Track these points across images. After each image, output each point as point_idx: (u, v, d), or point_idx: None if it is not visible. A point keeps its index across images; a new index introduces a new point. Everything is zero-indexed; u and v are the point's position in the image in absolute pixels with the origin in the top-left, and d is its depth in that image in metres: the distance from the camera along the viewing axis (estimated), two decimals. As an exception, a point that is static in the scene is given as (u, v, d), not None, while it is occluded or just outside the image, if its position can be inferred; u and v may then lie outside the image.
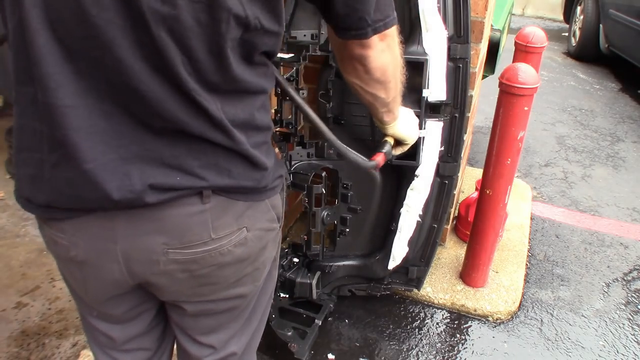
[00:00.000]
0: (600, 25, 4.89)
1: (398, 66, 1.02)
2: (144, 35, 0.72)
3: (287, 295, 2.04)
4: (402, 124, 1.24)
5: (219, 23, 0.73)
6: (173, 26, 0.72)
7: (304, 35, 1.55)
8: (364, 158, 1.20)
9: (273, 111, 1.89)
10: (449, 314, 2.17)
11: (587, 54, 5.18)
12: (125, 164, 0.80)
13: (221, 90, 0.80)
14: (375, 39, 0.90)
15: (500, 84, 1.81)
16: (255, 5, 0.76)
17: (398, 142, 1.32)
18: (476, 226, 2.11)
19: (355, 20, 0.87)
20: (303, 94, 1.73)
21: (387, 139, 1.29)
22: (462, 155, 1.86)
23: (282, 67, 1.76)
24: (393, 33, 0.95)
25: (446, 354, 1.98)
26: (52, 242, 0.93)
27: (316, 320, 1.97)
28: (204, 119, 0.80)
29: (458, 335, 2.07)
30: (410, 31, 1.62)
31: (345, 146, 1.15)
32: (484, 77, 2.61)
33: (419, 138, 1.70)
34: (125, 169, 0.80)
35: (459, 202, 2.56)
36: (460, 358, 1.97)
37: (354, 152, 1.18)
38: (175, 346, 1.19)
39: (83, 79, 0.75)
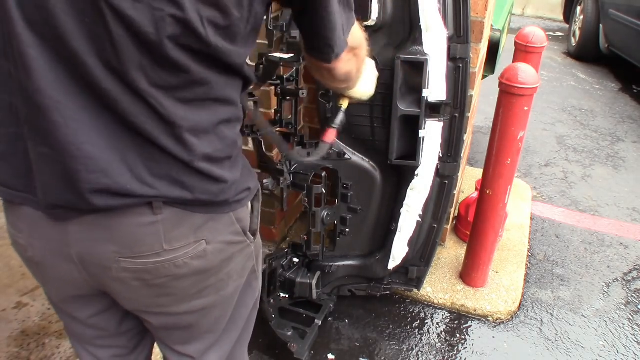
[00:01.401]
0: (600, 25, 4.89)
1: (362, 62, 1.08)
2: (99, 28, 0.70)
3: (287, 295, 2.04)
4: (360, 86, 1.23)
5: (162, 21, 0.70)
6: (131, 27, 0.69)
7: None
8: (305, 154, 1.23)
9: (273, 111, 1.89)
10: (449, 314, 2.17)
11: (587, 54, 5.18)
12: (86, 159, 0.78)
13: (179, 94, 0.77)
14: (344, 54, 0.95)
15: (500, 84, 1.81)
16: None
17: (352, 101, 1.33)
18: (476, 226, 2.11)
19: (322, 46, 0.92)
20: (303, 93, 1.72)
21: (342, 103, 1.31)
22: (462, 155, 1.86)
23: (282, 67, 1.76)
24: (359, 43, 1.00)
25: (446, 354, 1.98)
26: (13, 241, 0.93)
27: (316, 320, 1.97)
28: (157, 123, 0.77)
29: (458, 335, 2.07)
30: (410, 31, 1.63)
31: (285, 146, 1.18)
32: (484, 77, 2.61)
33: (419, 138, 1.70)
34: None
35: (459, 202, 2.56)
36: (460, 358, 1.97)
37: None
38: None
39: (53, 62, 0.73)
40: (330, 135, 1.27)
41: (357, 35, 0.99)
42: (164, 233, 0.85)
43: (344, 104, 1.31)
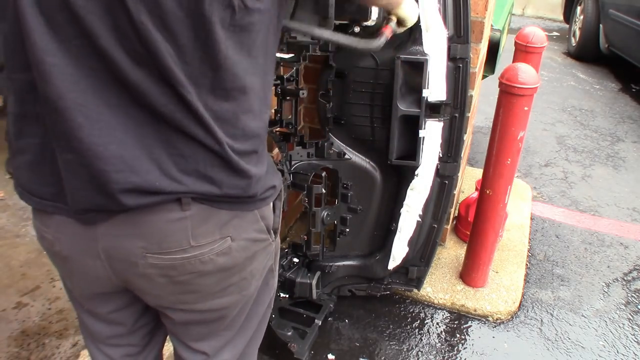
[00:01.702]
0: (600, 25, 4.89)
1: None
2: (124, 22, 0.70)
3: (287, 295, 2.04)
4: (406, 4, 1.26)
5: (202, 3, 0.71)
6: (153, 10, 0.70)
7: (304, 35, 1.54)
8: (368, 39, 1.20)
9: (273, 111, 1.89)
10: (449, 314, 2.17)
11: (587, 54, 5.18)
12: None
13: (207, 83, 0.78)
14: None
15: (500, 84, 1.81)
16: None
17: (399, 22, 1.32)
18: (476, 226, 2.11)
19: None
20: (303, 93, 1.72)
21: (391, 16, 1.30)
22: (462, 155, 1.86)
23: (282, 67, 1.76)
24: None
25: (446, 354, 1.98)
26: (40, 236, 0.94)
27: (316, 320, 1.97)
28: (186, 112, 0.77)
29: (458, 335, 2.07)
30: (410, 31, 1.62)
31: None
32: (484, 77, 2.61)
33: (419, 138, 1.70)
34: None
35: (459, 202, 2.56)
36: (460, 358, 1.97)
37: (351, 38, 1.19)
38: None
39: (72, 65, 0.73)
40: (388, 33, 1.27)
41: None
42: (191, 229, 0.85)
43: (394, 19, 1.30)
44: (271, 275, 1.09)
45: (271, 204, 0.98)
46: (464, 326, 2.11)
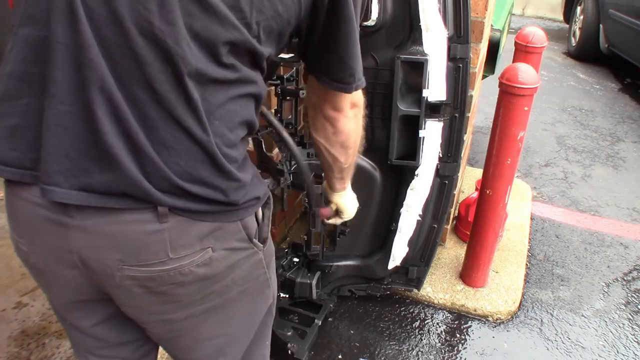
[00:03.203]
0: (600, 25, 4.89)
1: (359, 136, 1.14)
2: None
3: (287, 295, 2.04)
4: (348, 197, 1.37)
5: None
6: None
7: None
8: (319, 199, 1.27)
9: (273, 111, 1.89)
10: (449, 314, 2.17)
11: (587, 54, 5.18)
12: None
13: (203, 79, 0.79)
14: (347, 106, 1.03)
15: (500, 84, 1.81)
16: None
17: (337, 212, 1.42)
18: (476, 226, 2.11)
19: (346, 76, 0.95)
20: (303, 93, 1.72)
21: (331, 204, 1.40)
22: (462, 155, 1.86)
23: (282, 67, 1.76)
24: (361, 105, 1.07)
25: (446, 354, 1.98)
26: (16, 247, 0.92)
27: (316, 320, 1.97)
28: (180, 95, 0.78)
29: (458, 335, 2.07)
30: (410, 31, 1.63)
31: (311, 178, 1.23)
32: (484, 77, 2.61)
33: (419, 138, 1.70)
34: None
35: (459, 202, 2.56)
36: (460, 358, 1.97)
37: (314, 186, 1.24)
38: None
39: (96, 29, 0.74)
40: (325, 213, 1.41)
41: (360, 94, 1.05)
42: (169, 241, 0.83)
43: (333, 207, 1.40)
44: (265, 284, 1.05)
45: (254, 213, 0.95)
46: (464, 326, 2.11)
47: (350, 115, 1.05)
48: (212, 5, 0.75)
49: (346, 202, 1.37)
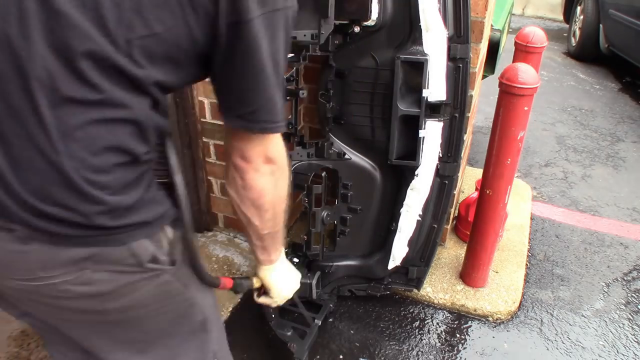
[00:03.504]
0: (600, 25, 4.89)
1: (279, 201, 1.02)
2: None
3: (287, 295, 2.04)
4: (277, 274, 1.21)
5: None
6: None
7: (304, 35, 1.54)
8: (210, 274, 1.10)
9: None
10: (449, 314, 2.17)
11: (587, 54, 5.18)
12: None
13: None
14: (258, 158, 0.93)
15: (500, 84, 1.81)
16: None
17: (266, 290, 1.26)
18: (476, 226, 2.11)
19: (247, 113, 0.88)
20: (303, 93, 1.72)
21: (254, 279, 1.23)
22: (462, 155, 1.86)
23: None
24: (281, 162, 0.97)
25: (446, 354, 1.98)
26: None
27: (316, 320, 1.97)
28: (26, 100, 0.74)
29: (458, 335, 2.07)
30: (410, 31, 1.63)
31: (198, 253, 1.07)
32: (484, 77, 2.61)
33: (419, 138, 1.70)
34: None
35: (459, 202, 2.56)
36: (460, 358, 1.97)
37: (202, 264, 1.09)
38: None
39: None
40: (227, 283, 1.21)
41: (280, 148, 0.95)
42: (37, 262, 0.81)
43: (256, 283, 1.24)
44: (186, 304, 1.02)
45: (153, 236, 0.90)
46: (464, 326, 2.11)
47: (264, 170, 0.94)
48: (69, 17, 0.72)
49: (273, 280, 1.21)
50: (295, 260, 2.01)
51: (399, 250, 1.93)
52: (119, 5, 0.74)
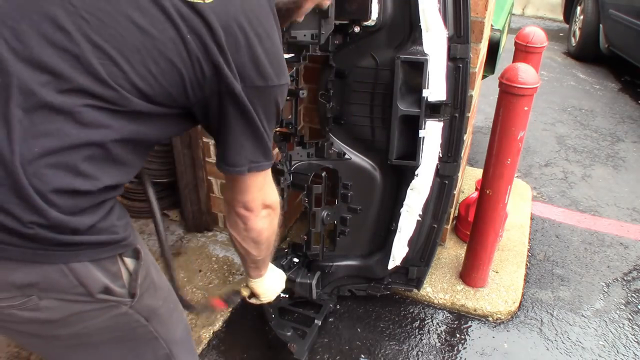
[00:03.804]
0: (600, 25, 4.89)
1: (273, 235, 1.18)
2: None
3: (287, 295, 2.04)
4: (265, 283, 1.38)
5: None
6: None
7: (304, 35, 1.54)
8: (198, 305, 1.34)
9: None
10: (449, 314, 2.17)
11: (587, 54, 5.18)
12: None
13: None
14: (258, 207, 1.06)
15: (500, 84, 1.81)
16: None
17: (253, 295, 1.45)
18: (476, 226, 2.11)
19: (236, 158, 0.98)
20: (303, 93, 1.72)
21: (242, 289, 1.44)
22: (462, 155, 1.86)
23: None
24: (275, 206, 1.11)
25: (446, 354, 1.98)
26: None
27: (316, 320, 1.97)
28: None
29: (458, 335, 2.07)
30: (410, 31, 1.63)
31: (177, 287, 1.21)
32: (484, 77, 2.61)
33: (419, 138, 1.70)
34: None
35: (459, 202, 2.56)
36: (460, 358, 1.97)
37: (183, 298, 1.25)
38: None
39: None
40: (219, 305, 1.47)
41: (273, 193, 1.09)
42: None
43: (245, 293, 1.44)
44: (149, 336, 1.03)
45: (90, 265, 0.87)
46: (464, 326, 2.11)
47: (263, 215, 1.08)
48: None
49: (262, 289, 1.39)
50: (295, 260, 2.01)
51: (399, 250, 1.93)
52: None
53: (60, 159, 0.78)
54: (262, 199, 1.06)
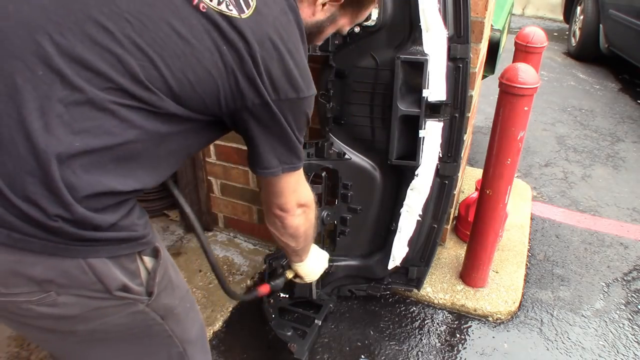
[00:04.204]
0: (600, 25, 4.89)
1: (310, 228, 1.25)
2: None
3: (287, 295, 2.04)
4: (307, 265, 1.47)
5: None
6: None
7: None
8: (244, 294, 1.39)
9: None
10: (449, 314, 2.17)
11: (587, 54, 5.18)
12: None
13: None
14: (294, 207, 1.11)
15: (500, 84, 1.81)
16: None
17: (296, 276, 1.55)
18: (476, 226, 2.11)
19: (270, 161, 1.01)
20: (303, 94, 1.72)
21: (287, 272, 1.53)
22: (462, 155, 1.86)
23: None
24: (310, 203, 1.17)
25: (446, 354, 1.98)
26: None
27: (316, 321, 1.97)
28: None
29: (458, 335, 2.07)
30: (410, 31, 1.63)
31: (221, 272, 1.28)
32: (484, 77, 2.61)
33: (419, 138, 1.70)
34: None
35: (459, 202, 2.56)
36: (460, 358, 1.97)
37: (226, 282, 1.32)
38: None
39: None
40: (264, 290, 1.51)
41: (307, 192, 1.14)
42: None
43: (289, 275, 1.53)
44: (164, 334, 1.04)
45: (109, 262, 0.89)
46: (464, 326, 2.11)
47: (298, 213, 1.14)
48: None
49: (305, 272, 1.49)
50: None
51: (399, 250, 1.93)
52: None
53: (96, 157, 0.81)
54: (297, 199, 1.11)
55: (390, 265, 1.97)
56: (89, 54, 0.78)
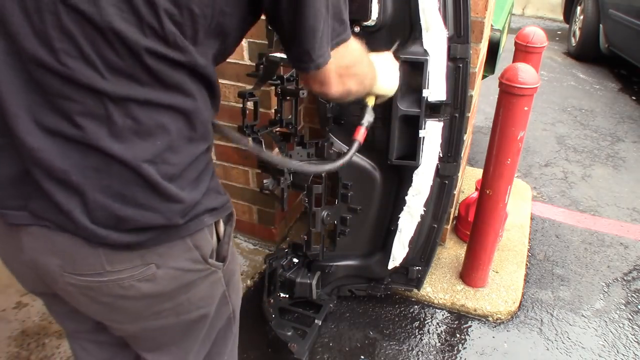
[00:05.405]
0: (600, 25, 4.89)
1: (365, 76, 1.06)
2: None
3: (287, 295, 2.04)
4: (381, 81, 1.23)
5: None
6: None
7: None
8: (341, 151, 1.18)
9: (273, 111, 1.89)
10: (449, 314, 2.17)
11: (587, 54, 5.18)
12: None
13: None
14: (333, 79, 0.92)
15: (500, 84, 1.81)
16: None
17: (377, 98, 1.33)
18: (476, 226, 2.11)
19: (300, 54, 0.85)
20: (303, 93, 1.72)
21: (367, 101, 1.30)
22: (462, 155, 1.86)
23: (282, 67, 1.75)
24: (352, 64, 0.96)
25: (446, 354, 1.98)
26: None
27: (316, 321, 1.97)
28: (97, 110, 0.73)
29: (458, 335, 2.07)
30: (410, 31, 1.63)
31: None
32: (484, 77, 2.61)
33: (419, 138, 1.70)
34: None
35: (459, 202, 2.56)
36: (460, 358, 1.97)
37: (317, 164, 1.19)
38: None
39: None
40: (361, 134, 1.26)
41: (351, 53, 0.95)
42: (104, 255, 0.81)
43: (370, 101, 1.31)
44: (224, 301, 1.03)
45: (211, 229, 0.91)
46: (464, 326, 2.11)
47: (338, 82, 0.94)
48: (130, 9, 0.69)
49: (382, 87, 1.26)
50: (295, 260, 2.01)
51: (399, 250, 1.93)
52: None
53: (171, 132, 0.78)
54: (337, 69, 0.92)
55: (390, 265, 1.97)
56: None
